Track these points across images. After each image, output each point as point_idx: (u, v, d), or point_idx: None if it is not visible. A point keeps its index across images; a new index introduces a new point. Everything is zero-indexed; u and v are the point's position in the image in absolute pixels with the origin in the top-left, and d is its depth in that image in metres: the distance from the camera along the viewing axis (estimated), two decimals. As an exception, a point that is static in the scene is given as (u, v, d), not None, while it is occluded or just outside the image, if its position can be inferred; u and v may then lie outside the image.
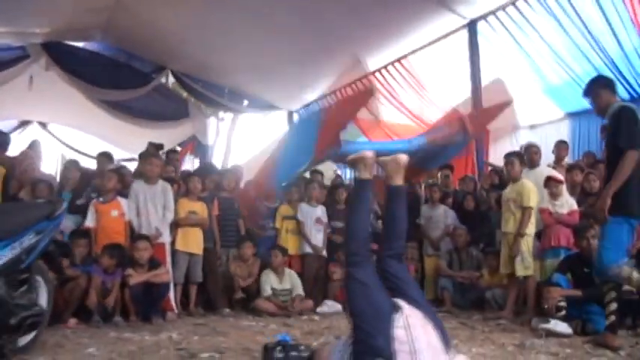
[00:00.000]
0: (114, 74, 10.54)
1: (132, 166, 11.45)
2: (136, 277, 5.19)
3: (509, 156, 6.02)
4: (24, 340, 3.51)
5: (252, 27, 9.16)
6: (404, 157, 2.87)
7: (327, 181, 8.63)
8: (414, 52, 9.52)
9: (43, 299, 3.69)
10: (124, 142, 12.77)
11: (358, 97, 3.71)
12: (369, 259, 2.66)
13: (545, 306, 4.86)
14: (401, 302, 2.45)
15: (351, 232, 2.83)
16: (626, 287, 4.54)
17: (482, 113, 3.74)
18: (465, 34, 8.53)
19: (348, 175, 10.81)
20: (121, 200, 5.67)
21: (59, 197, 5.57)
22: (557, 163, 7.10)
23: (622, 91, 8.01)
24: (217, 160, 13.03)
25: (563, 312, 4.76)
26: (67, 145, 12.77)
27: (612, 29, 7.18)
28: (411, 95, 10.47)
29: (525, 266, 5.61)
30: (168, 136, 12.54)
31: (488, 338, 4.48)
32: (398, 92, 10.49)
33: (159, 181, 5.81)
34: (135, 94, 10.69)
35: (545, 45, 7.98)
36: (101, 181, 5.72)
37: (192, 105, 12.11)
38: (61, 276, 4.56)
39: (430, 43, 9.17)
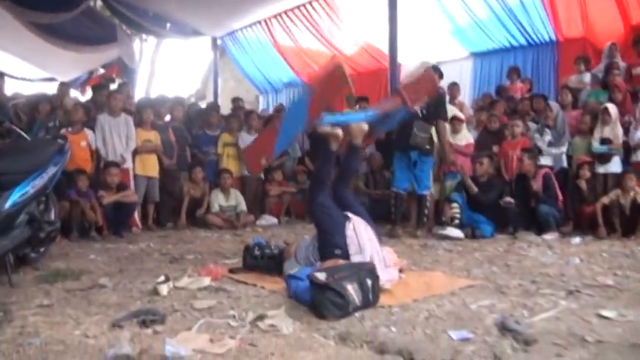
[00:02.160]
0: (43, -4, 10.48)
1: (53, 86, 11.69)
2: (108, 198, 6.05)
3: None
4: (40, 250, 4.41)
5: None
6: (365, 125, 4.01)
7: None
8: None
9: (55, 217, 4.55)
10: (49, 64, 12.82)
11: (332, 79, 4.27)
12: (327, 189, 3.83)
13: (444, 217, 6.29)
14: (349, 214, 3.67)
15: (318, 175, 4.04)
16: (506, 198, 6.10)
17: (412, 88, 4.61)
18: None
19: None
20: (88, 132, 6.38)
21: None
22: (451, 101, 8.37)
23: (520, 38, 9.47)
24: (142, 83, 13.40)
25: (457, 221, 6.21)
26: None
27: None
28: (331, 28, 11.37)
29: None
30: (95, 59, 12.75)
31: (399, 241, 5.85)
32: (320, 25, 11.35)
33: (122, 113, 6.56)
34: (64, 17, 10.72)
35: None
36: (69, 114, 6.35)
37: (120, 29, 12.23)
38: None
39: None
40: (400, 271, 3.71)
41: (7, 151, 4.04)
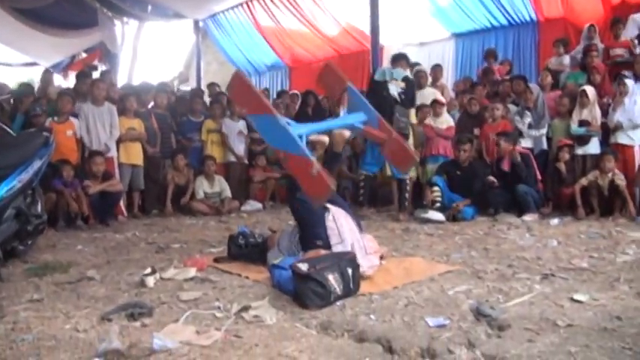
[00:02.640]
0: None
1: (35, 71, 11.51)
2: (93, 187, 6.08)
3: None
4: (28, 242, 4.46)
5: None
6: (347, 132, 4.06)
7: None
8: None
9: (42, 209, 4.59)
10: (30, 49, 12.70)
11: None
12: None
13: (425, 201, 6.41)
14: (329, 205, 3.75)
15: None
16: (489, 178, 6.31)
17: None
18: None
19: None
20: (74, 121, 6.39)
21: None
22: (434, 83, 8.48)
23: (501, 18, 9.53)
24: (124, 68, 13.28)
25: (438, 205, 6.34)
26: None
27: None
28: (313, 10, 11.35)
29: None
30: (77, 43, 12.64)
31: (382, 225, 5.98)
32: (302, 7, 11.32)
33: (105, 102, 6.57)
34: (45, 2, 10.60)
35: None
36: (53, 103, 6.33)
37: (101, 13, 12.09)
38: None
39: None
40: (381, 257, 3.81)
41: (-8, 147, 4.07)
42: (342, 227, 3.64)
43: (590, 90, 6.65)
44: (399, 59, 6.61)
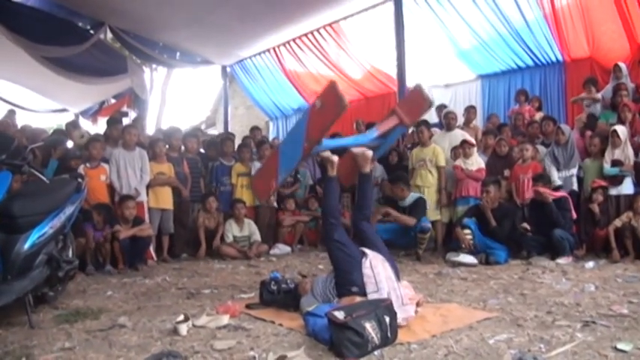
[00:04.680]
0: (54, 31, 10.65)
1: (64, 117, 11.70)
2: (124, 232, 6.12)
3: (419, 125, 7.36)
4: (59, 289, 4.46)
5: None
6: (369, 153, 4.06)
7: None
8: (345, 18, 10.47)
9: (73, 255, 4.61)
10: (60, 95, 13.04)
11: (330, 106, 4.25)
12: (340, 225, 3.86)
13: (463, 245, 6.26)
14: (366, 250, 3.69)
15: (327, 210, 4.06)
16: (523, 224, 6.17)
17: (406, 106, 4.57)
18: (391, 6, 9.58)
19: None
20: (105, 166, 6.49)
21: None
22: (467, 124, 8.47)
23: (526, 59, 9.54)
24: (153, 113, 13.56)
25: (470, 241, 6.21)
26: (3, 99, 12.82)
27: (517, 2, 8.49)
28: (338, 53, 11.52)
29: (435, 213, 7.06)
30: (106, 90, 12.95)
31: (414, 269, 5.86)
32: (327, 51, 11.50)
33: (136, 147, 6.67)
34: (75, 50, 10.93)
35: (458, 15, 9.23)
36: (89, 151, 6.44)
37: (130, 60, 12.42)
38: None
39: (360, 12, 10.16)
40: (417, 304, 3.71)
41: (25, 193, 4.11)
42: (378, 275, 3.56)
43: (621, 129, 6.55)
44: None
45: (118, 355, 2.96)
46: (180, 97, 27.08)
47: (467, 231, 6.32)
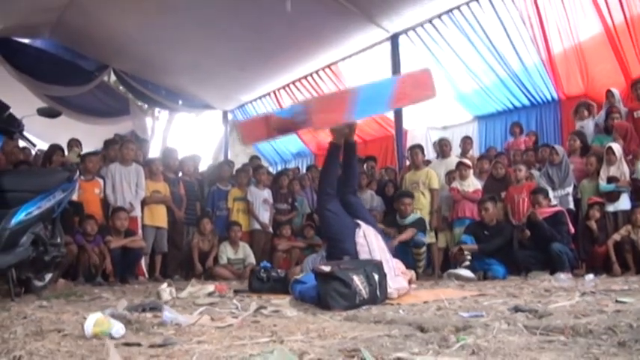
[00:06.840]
0: (59, 71, 10.92)
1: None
2: (115, 242, 6.03)
3: (412, 148, 7.44)
4: (46, 278, 4.34)
5: (193, 31, 9.84)
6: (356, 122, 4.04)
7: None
8: (343, 59, 10.70)
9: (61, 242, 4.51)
10: (61, 135, 13.15)
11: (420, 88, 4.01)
12: (335, 196, 3.80)
13: (454, 260, 6.14)
14: (359, 221, 3.62)
15: (326, 180, 3.97)
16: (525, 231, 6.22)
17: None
18: (387, 45, 9.80)
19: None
20: (100, 180, 6.48)
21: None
22: (463, 155, 8.48)
23: (522, 99, 9.66)
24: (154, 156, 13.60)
25: (468, 263, 6.08)
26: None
27: (514, 46, 8.60)
28: (336, 96, 11.65)
29: (430, 236, 6.97)
30: (108, 131, 13.07)
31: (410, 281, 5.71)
32: (325, 93, 11.63)
33: (133, 163, 6.68)
34: (78, 90, 11.15)
35: (457, 58, 9.32)
36: (84, 165, 6.44)
37: (133, 103, 12.64)
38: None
39: (357, 53, 10.38)
40: (409, 282, 3.61)
41: (17, 170, 4.10)
42: (372, 245, 3.49)
43: (616, 147, 6.55)
44: None
45: (96, 310, 2.84)
46: (181, 143, 27.23)
47: (466, 252, 6.21)
